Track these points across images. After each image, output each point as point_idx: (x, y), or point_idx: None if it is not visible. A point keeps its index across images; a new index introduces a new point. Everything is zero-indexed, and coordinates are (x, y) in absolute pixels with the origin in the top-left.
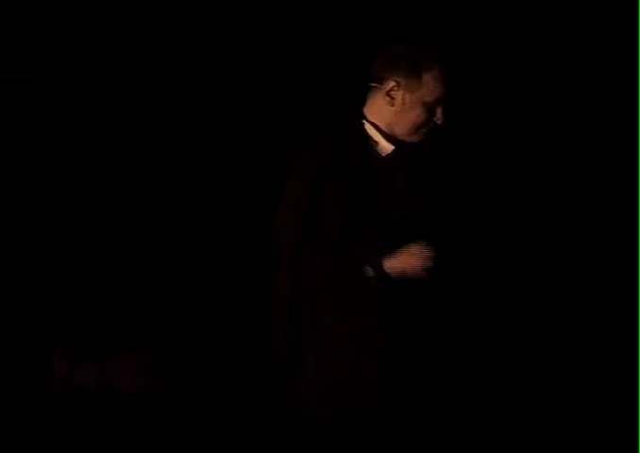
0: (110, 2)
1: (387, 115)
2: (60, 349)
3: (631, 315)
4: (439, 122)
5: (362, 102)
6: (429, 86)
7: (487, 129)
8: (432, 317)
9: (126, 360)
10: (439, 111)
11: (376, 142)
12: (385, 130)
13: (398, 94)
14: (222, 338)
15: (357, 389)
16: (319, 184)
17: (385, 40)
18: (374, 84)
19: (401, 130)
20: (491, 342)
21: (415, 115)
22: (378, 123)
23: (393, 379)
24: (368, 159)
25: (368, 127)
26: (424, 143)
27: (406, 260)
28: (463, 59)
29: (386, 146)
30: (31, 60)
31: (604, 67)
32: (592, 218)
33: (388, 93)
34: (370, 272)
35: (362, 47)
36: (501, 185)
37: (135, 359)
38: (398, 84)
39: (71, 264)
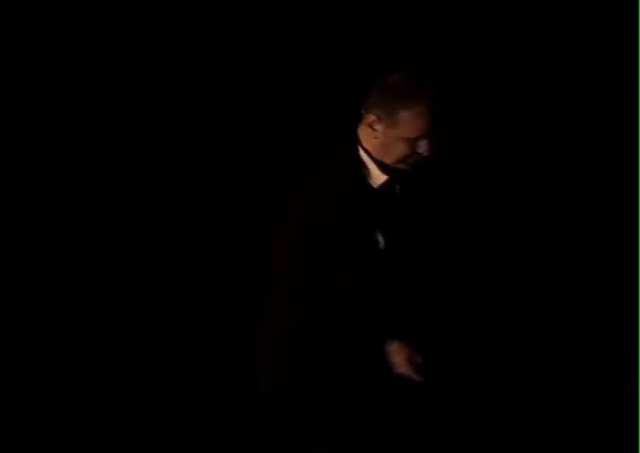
0: (110, 2)
1: (374, 145)
2: None
3: (631, 315)
4: (425, 154)
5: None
6: (409, 124)
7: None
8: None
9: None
10: (423, 145)
11: (369, 172)
12: (377, 158)
13: (379, 128)
14: None
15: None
16: (312, 227)
17: (388, 62)
18: (362, 111)
19: (389, 160)
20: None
21: (399, 149)
22: (369, 150)
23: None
24: (363, 191)
25: (362, 154)
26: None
27: (393, 358)
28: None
29: (379, 176)
30: (31, 60)
31: (604, 67)
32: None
33: (370, 125)
34: None
35: (361, 48)
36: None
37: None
38: (379, 118)
39: None
